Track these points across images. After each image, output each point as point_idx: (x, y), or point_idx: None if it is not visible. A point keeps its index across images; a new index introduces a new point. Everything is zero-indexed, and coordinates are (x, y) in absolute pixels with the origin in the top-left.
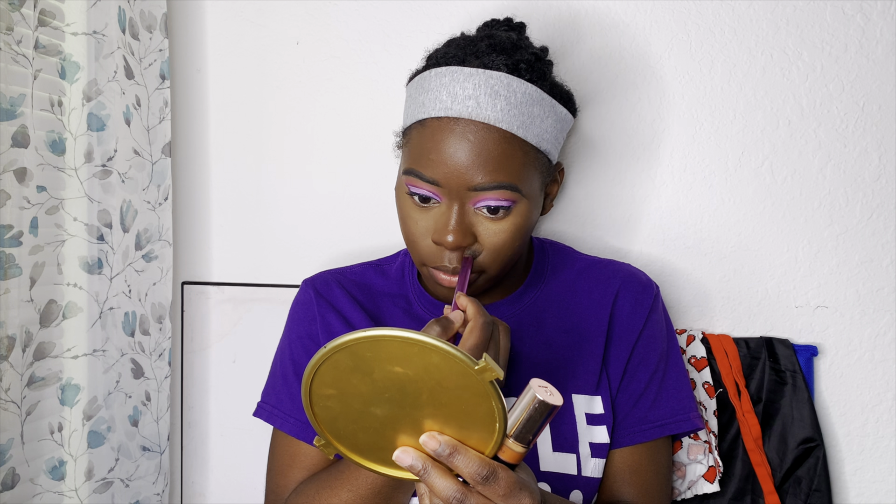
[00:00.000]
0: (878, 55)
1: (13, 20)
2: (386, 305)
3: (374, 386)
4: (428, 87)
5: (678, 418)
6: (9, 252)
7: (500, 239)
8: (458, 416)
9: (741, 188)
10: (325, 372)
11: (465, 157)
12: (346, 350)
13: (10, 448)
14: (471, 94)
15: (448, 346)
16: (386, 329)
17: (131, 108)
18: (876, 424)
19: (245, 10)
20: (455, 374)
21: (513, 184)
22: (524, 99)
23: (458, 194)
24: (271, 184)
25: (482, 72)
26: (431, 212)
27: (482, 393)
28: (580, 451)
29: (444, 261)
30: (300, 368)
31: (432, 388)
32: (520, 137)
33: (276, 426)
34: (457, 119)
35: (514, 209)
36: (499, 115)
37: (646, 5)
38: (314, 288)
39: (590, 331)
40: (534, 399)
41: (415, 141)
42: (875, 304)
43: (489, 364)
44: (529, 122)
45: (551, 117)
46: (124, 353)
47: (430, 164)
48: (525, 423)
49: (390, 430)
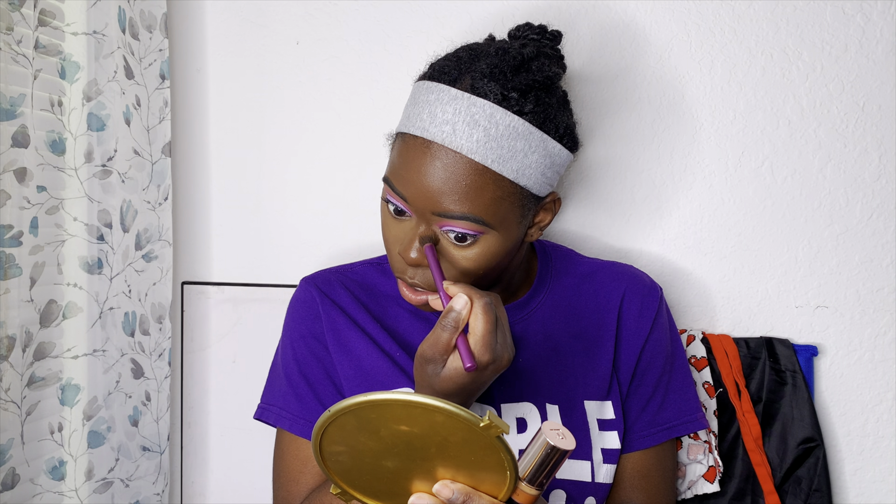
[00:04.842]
0: (878, 55)
1: (13, 20)
2: (391, 307)
3: (382, 443)
4: (416, 100)
5: (685, 419)
6: (9, 252)
7: (464, 265)
8: (468, 464)
9: (741, 188)
10: (333, 432)
11: (433, 182)
12: (349, 413)
13: (10, 448)
14: (449, 119)
15: (451, 406)
16: (387, 393)
17: (131, 108)
18: (876, 424)
19: (245, 10)
20: (461, 430)
21: (478, 217)
22: (506, 132)
23: (424, 215)
24: (271, 184)
25: (467, 97)
26: (403, 224)
27: (490, 446)
28: (593, 457)
29: (406, 274)
30: (305, 368)
31: (439, 443)
32: (493, 171)
33: (286, 429)
34: (430, 143)
35: (480, 239)
36: (473, 146)
37: (646, 5)
38: (316, 285)
39: (598, 335)
40: (545, 444)
41: (395, 151)
42: (875, 304)
43: (493, 421)
44: (510, 155)
45: (538, 152)
46: (124, 353)
47: (401, 181)
48: (538, 468)
49: (403, 479)
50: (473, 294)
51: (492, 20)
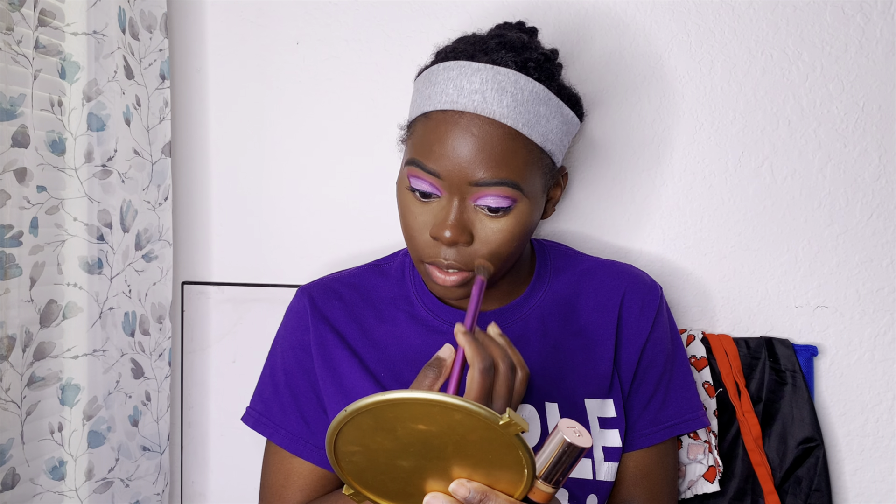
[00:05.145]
0: (878, 55)
1: (13, 20)
2: (387, 310)
3: (398, 442)
4: (435, 80)
5: (687, 417)
6: (9, 252)
7: (499, 238)
8: (485, 463)
9: (741, 188)
10: (348, 432)
11: (467, 152)
12: (366, 412)
13: (10, 448)
14: (477, 88)
15: (471, 404)
16: (406, 392)
17: (131, 108)
18: (876, 424)
19: (245, 10)
20: (479, 428)
21: (514, 181)
22: (531, 97)
23: (458, 189)
24: (271, 184)
25: (490, 67)
26: (431, 206)
27: (508, 444)
28: (594, 455)
29: (440, 256)
30: (291, 378)
31: (457, 441)
32: (524, 135)
33: (265, 435)
34: (462, 113)
35: (514, 209)
36: (504, 111)
37: (646, 5)
38: (310, 297)
39: (598, 334)
40: (563, 442)
41: (419, 133)
42: (875, 304)
43: (513, 419)
44: (535, 120)
45: (557, 118)
46: (124, 353)
47: (433, 156)
48: (554, 465)
49: (418, 478)
50: (476, 355)
51: (491, 20)
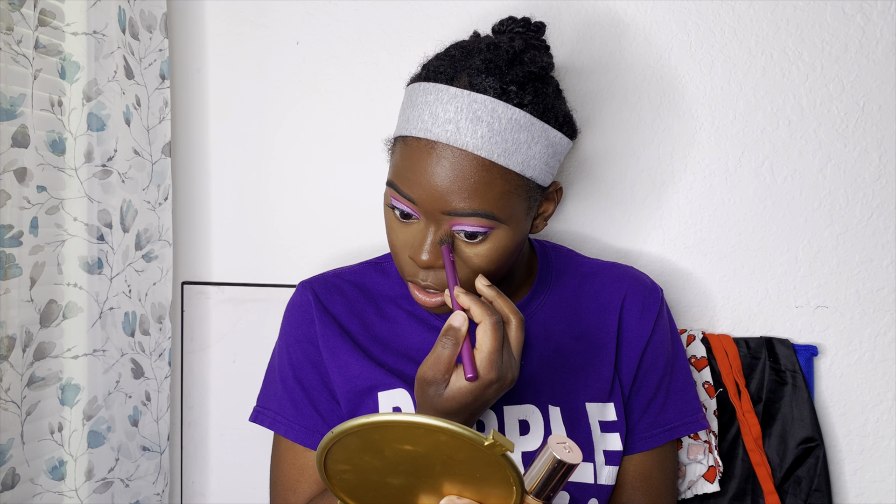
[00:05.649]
0: (878, 55)
1: (13, 20)
2: (389, 308)
3: (387, 461)
4: (414, 101)
5: (686, 420)
6: (9, 252)
7: (478, 262)
8: (474, 480)
9: (741, 188)
10: (337, 452)
11: (441, 182)
12: (353, 434)
13: (10, 448)
14: (451, 118)
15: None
16: (389, 415)
17: (131, 108)
18: (876, 424)
19: (245, 10)
20: (465, 448)
21: (489, 212)
22: (509, 125)
23: (433, 216)
24: (271, 183)
25: (467, 94)
26: (411, 227)
27: (495, 463)
28: (595, 459)
29: (418, 276)
30: (300, 373)
31: (444, 461)
32: (500, 165)
33: (280, 433)
34: (435, 143)
35: (491, 234)
36: (478, 142)
37: (646, 5)
38: (312, 290)
39: (599, 337)
40: (552, 458)
41: (397, 155)
42: (875, 304)
43: (497, 440)
44: (514, 148)
45: (541, 143)
46: (124, 353)
47: (408, 183)
48: (544, 481)
49: (410, 494)
50: (484, 311)
51: (491, 20)
